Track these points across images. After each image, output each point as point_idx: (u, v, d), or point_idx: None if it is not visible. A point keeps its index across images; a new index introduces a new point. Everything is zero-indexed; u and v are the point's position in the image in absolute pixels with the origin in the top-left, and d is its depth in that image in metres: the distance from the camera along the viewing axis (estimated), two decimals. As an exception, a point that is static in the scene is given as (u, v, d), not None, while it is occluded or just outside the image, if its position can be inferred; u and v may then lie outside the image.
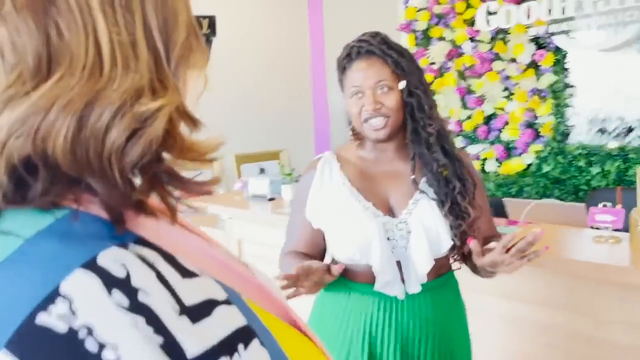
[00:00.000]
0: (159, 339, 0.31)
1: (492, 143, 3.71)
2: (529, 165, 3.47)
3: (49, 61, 0.34)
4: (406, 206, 1.21)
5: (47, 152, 0.33)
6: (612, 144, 3.13)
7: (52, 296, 0.31)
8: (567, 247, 1.63)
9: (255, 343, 0.35)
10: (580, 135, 3.27)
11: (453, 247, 1.20)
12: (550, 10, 3.23)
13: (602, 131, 3.19)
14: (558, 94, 3.30)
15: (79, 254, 0.33)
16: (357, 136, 1.29)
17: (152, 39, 0.38)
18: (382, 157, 1.27)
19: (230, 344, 0.34)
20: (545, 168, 3.32)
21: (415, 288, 1.18)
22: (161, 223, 0.40)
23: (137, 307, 0.32)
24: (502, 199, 2.24)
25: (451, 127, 3.87)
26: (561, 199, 3.14)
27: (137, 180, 0.38)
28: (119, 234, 0.36)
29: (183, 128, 0.41)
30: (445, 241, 1.18)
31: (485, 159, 3.74)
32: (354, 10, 4.45)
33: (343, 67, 1.24)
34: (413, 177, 1.22)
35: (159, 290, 0.33)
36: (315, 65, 4.78)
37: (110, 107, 0.35)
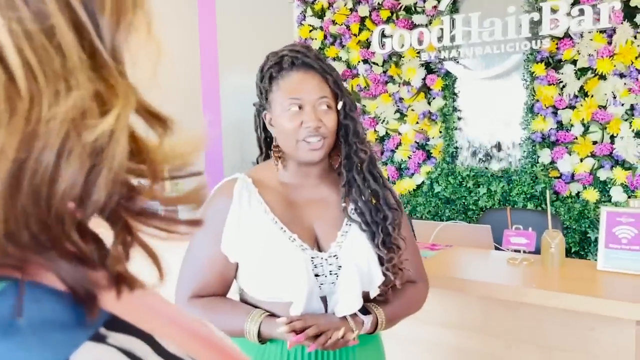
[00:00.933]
0: None
1: (385, 163, 3.77)
2: (421, 185, 3.57)
3: None
4: (335, 238, 1.11)
5: None
6: (496, 166, 3.33)
7: None
8: (481, 269, 1.64)
9: None
10: (467, 157, 3.44)
11: (383, 282, 1.12)
12: (440, 38, 3.38)
13: (486, 154, 3.38)
14: (447, 117, 3.45)
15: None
16: (281, 156, 1.15)
17: (73, 11, 0.24)
18: (305, 183, 1.14)
19: None
20: (437, 188, 3.44)
21: None
22: (126, 294, 0.26)
23: None
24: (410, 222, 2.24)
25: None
26: (451, 219, 3.26)
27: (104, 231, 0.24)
28: (90, 320, 0.22)
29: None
30: (376, 276, 1.10)
31: (378, 179, 3.79)
32: (247, 27, 4.34)
33: (270, 76, 1.10)
34: (344, 205, 1.12)
35: None
36: (207, 92, 4.56)
37: (49, 147, 0.21)
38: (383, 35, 3.61)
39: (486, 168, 3.33)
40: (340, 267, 1.08)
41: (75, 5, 0.24)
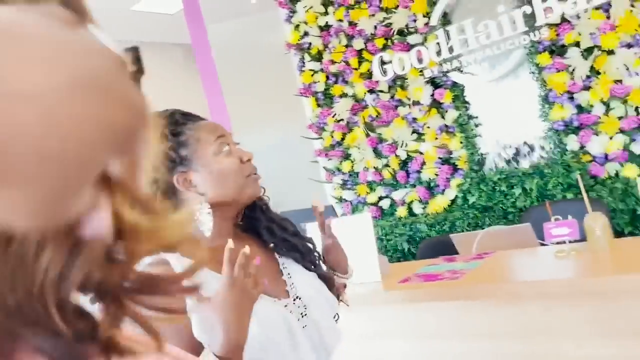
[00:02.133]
0: None
1: (413, 186, 3.74)
2: (454, 199, 3.51)
3: None
4: (284, 282, 1.07)
5: None
6: (526, 164, 3.26)
7: None
8: (530, 269, 1.57)
9: None
10: (495, 161, 3.38)
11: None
12: (438, 52, 3.39)
13: (514, 154, 3.32)
14: (464, 127, 3.41)
15: None
16: (221, 213, 1.03)
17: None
18: (225, 240, 0.94)
19: None
20: (471, 199, 3.37)
21: None
22: None
23: None
24: (450, 236, 2.19)
25: (370, 177, 3.88)
26: (493, 226, 3.18)
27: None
28: None
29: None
30: (333, 301, 1.12)
31: (411, 202, 3.75)
32: (253, 91, 4.45)
33: (175, 134, 1.02)
34: (272, 245, 1.11)
35: None
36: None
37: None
38: (382, 62, 3.65)
39: (516, 168, 3.27)
40: (305, 307, 1.05)
41: None
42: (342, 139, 3.99)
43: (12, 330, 0.21)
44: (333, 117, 3.98)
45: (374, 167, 3.87)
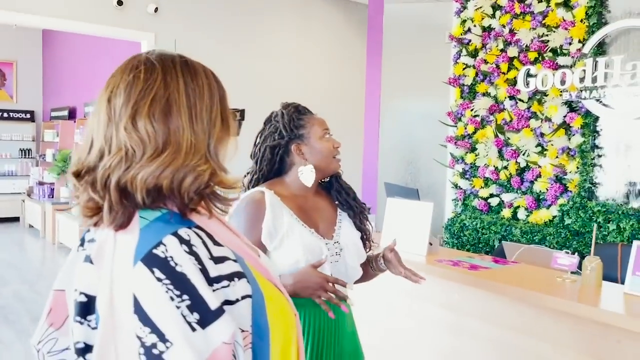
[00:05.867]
0: (199, 266, 0.76)
1: (524, 193, 4.01)
2: (554, 217, 3.75)
3: (164, 145, 0.80)
4: (334, 231, 1.60)
5: (161, 186, 0.79)
6: (635, 204, 3.37)
7: (159, 244, 0.76)
8: (531, 282, 1.98)
9: (244, 280, 0.80)
10: (607, 192, 3.53)
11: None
12: (582, 78, 3.56)
13: (627, 192, 3.44)
14: (585, 154, 3.59)
15: (170, 229, 0.78)
16: (321, 174, 1.62)
17: (205, 135, 0.84)
18: (308, 193, 1.61)
19: (231, 276, 0.79)
20: (567, 220, 3.60)
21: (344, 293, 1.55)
22: (205, 218, 0.85)
23: (192, 252, 0.75)
24: (502, 243, 2.58)
25: (488, 174, 4.22)
26: (578, 251, 3.40)
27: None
28: (185, 220, 0.81)
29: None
30: (362, 251, 1.62)
31: (517, 207, 4.04)
32: (409, 67, 4.92)
33: (297, 118, 1.60)
34: (337, 203, 1.65)
35: (201, 247, 0.78)
36: (370, 111, 5.27)
37: (188, 168, 0.80)
38: (528, 74, 3.89)
39: (618, 205, 3.40)
40: (342, 249, 1.58)
41: (206, 134, 0.87)
42: (473, 132, 4.34)
43: (173, 197, 0.82)
44: (471, 110, 4.33)
45: (494, 166, 4.19)
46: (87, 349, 0.74)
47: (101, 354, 0.69)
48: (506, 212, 4.08)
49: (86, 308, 0.75)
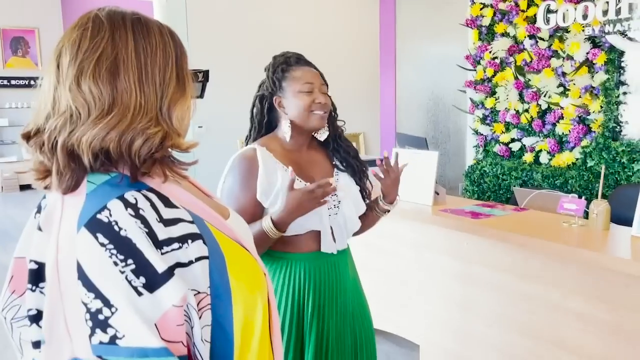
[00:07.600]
0: (145, 229, 0.75)
1: (546, 136, 3.88)
2: (577, 159, 3.62)
3: (110, 107, 0.78)
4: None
5: (108, 149, 0.77)
6: (661, 143, 3.22)
7: (103, 208, 0.75)
8: (540, 230, 1.92)
9: (198, 241, 0.78)
10: (632, 131, 3.38)
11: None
12: (605, 11, 3.35)
13: (654, 130, 3.29)
14: (609, 92, 3.42)
15: (116, 192, 0.77)
16: (298, 130, 1.55)
17: (156, 97, 0.81)
18: (301, 149, 1.57)
19: (184, 238, 0.77)
20: (590, 162, 3.47)
21: (343, 245, 1.55)
22: (160, 181, 0.84)
23: (138, 215, 0.75)
24: (512, 189, 2.51)
25: (508, 118, 4.09)
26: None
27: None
28: (136, 183, 0.80)
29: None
30: (361, 203, 1.59)
31: (539, 151, 3.92)
32: (424, 8, 4.72)
33: (282, 70, 1.52)
34: (334, 162, 1.60)
35: (149, 209, 0.76)
36: (385, 58, 5.12)
37: (136, 131, 0.78)
38: (549, 10, 3.69)
39: (645, 144, 3.26)
40: (340, 201, 1.55)
41: (158, 96, 0.85)
42: (493, 75, 4.18)
43: (123, 161, 0.81)
44: (490, 53, 4.16)
45: (515, 110, 4.05)
46: (39, 315, 0.75)
47: (50, 321, 0.70)
48: (528, 157, 3.97)
49: (37, 275, 0.75)
